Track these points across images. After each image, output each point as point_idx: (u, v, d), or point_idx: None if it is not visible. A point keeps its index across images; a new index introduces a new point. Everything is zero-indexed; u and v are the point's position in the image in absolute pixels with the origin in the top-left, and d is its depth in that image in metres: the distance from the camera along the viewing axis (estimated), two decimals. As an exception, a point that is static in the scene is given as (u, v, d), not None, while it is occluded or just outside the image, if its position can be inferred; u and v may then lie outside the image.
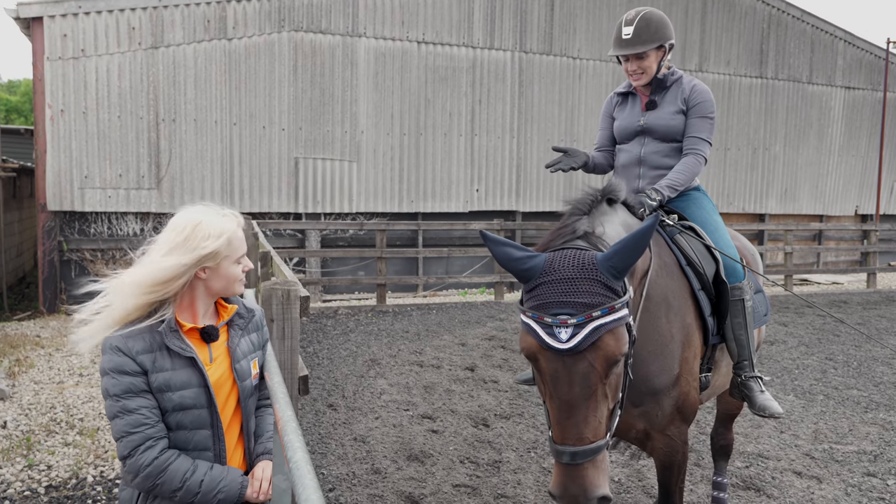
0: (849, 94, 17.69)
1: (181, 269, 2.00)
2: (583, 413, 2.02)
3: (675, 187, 3.20)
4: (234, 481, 2.06)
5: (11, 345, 8.34)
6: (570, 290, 2.01)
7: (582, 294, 2.01)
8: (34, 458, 4.97)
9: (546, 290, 2.05)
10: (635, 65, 3.27)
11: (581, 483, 1.99)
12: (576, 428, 2.01)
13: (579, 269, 2.05)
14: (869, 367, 7.89)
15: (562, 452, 2.02)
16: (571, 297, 2.01)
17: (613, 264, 2.03)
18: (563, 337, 1.98)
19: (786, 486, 4.66)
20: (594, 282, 2.02)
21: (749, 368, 3.17)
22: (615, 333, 2.02)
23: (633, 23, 3.21)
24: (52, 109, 10.89)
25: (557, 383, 2.03)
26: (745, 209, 16.55)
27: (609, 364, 2.03)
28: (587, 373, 2.00)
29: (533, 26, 13.95)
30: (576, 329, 1.98)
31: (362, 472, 4.77)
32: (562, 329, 1.99)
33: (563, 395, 2.03)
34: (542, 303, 2.04)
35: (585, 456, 1.99)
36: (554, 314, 2.00)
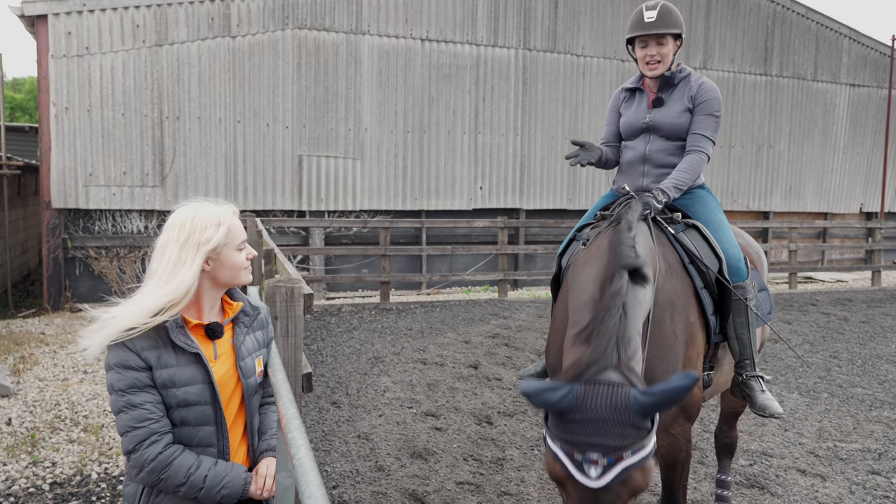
0: (854, 91, 17.63)
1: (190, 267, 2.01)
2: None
3: (680, 186, 3.19)
4: (237, 477, 2.07)
5: (16, 342, 8.37)
6: (601, 432, 1.99)
7: (613, 437, 1.99)
8: (39, 455, 4.99)
9: (577, 427, 2.02)
10: (655, 50, 3.26)
11: None
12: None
13: (612, 410, 2.01)
14: (873, 365, 7.87)
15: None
16: (602, 439, 1.99)
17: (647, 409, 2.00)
18: (592, 474, 1.99)
19: (790, 484, 4.66)
20: (626, 425, 2.00)
21: (750, 367, 3.16)
22: (643, 469, 2.02)
23: (656, 8, 3.23)
24: (57, 107, 10.91)
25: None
26: (750, 207, 16.52)
27: (634, 495, 2.05)
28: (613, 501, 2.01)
29: (537, 24, 13.93)
30: (606, 469, 1.97)
31: (366, 469, 4.78)
32: (591, 467, 1.98)
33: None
34: (573, 440, 2.02)
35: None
36: (583, 451, 1.99)
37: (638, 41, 3.31)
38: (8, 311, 11.16)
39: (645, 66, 3.33)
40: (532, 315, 10.44)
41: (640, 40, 3.30)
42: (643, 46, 3.29)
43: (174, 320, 2.02)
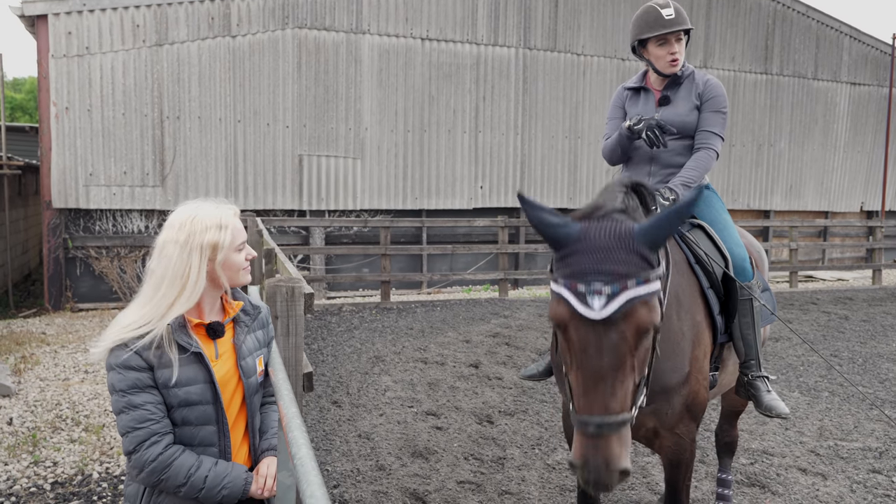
0: (854, 89, 17.62)
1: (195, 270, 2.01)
2: (610, 384, 1.97)
3: (689, 184, 3.15)
4: (238, 477, 2.07)
5: (17, 342, 8.37)
6: (605, 259, 1.97)
7: (618, 263, 1.97)
8: (40, 455, 5.00)
9: (580, 258, 2.01)
10: (676, 47, 3.24)
11: (604, 454, 1.93)
12: (603, 398, 1.96)
13: (616, 238, 2.00)
14: (874, 364, 7.87)
15: (587, 423, 1.96)
16: (607, 265, 1.96)
17: (651, 235, 1.99)
18: (596, 306, 1.94)
19: (791, 482, 4.66)
20: (630, 252, 1.98)
21: (756, 368, 3.15)
22: (648, 304, 1.98)
23: (670, 5, 3.22)
24: (57, 107, 10.91)
25: (587, 353, 1.99)
26: (750, 206, 16.51)
27: (640, 335, 1.99)
28: (618, 343, 1.96)
29: (537, 22, 13.92)
30: (610, 298, 1.94)
31: (367, 468, 4.78)
32: (595, 297, 1.95)
33: (591, 365, 1.99)
34: (576, 270, 2.00)
35: (611, 428, 1.94)
36: (588, 282, 1.96)
37: (655, 39, 3.25)
38: (9, 311, 11.16)
39: (667, 65, 3.27)
40: (533, 314, 10.44)
41: (658, 38, 3.24)
42: (661, 44, 3.24)
43: (176, 320, 2.02)
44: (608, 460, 1.93)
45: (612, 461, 1.93)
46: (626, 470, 1.95)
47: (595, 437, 1.95)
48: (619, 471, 1.93)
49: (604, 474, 1.93)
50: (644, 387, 2.16)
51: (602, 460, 1.93)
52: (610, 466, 1.92)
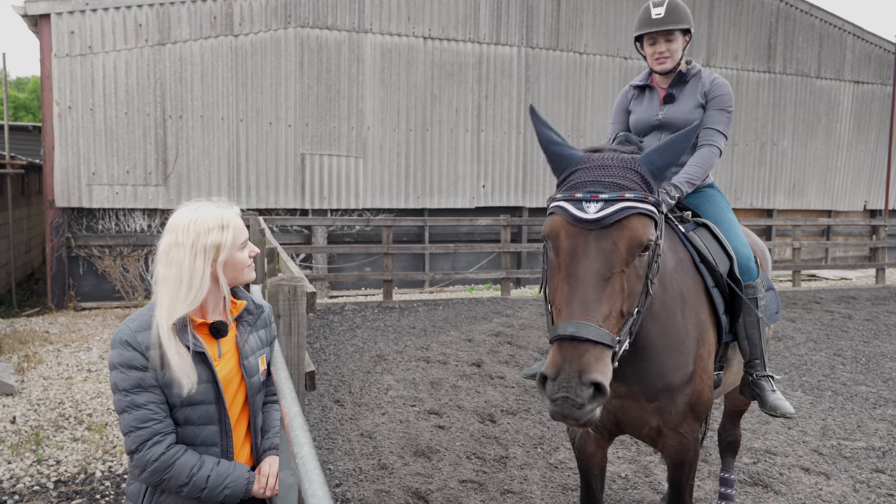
0: (858, 88, 17.58)
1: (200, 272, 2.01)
2: (596, 293, 1.92)
3: (693, 181, 3.15)
4: (240, 477, 2.07)
5: (20, 340, 8.39)
6: (606, 174, 2.01)
7: (617, 177, 2.00)
8: (43, 454, 5.00)
9: (582, 174, 2.04)
10: (664, 46, 3.24)
11: (578, 363, 1.83)
12: (586, 304, 1.91)
13: (618, 160, 2.05)
14: (878, 363, 7.86)
15: (565, 327, 1.88)
16: (607, 178, 1.99)
17: (652, 160, 2.03)
18: (591, 210, 1.96)
19: (794, 482, 4.65)
20: (631, 171, 2.03)
21: (761, 367, 3.14)
22: (643, 220, 1.99)
23: (664, 4, 3.21)
24: (60, 106, 10.93)
25: (576, 258, 1.96)
26: (753, 204, 16.48)
27: (632, 247, 1.97)
28: (609, 250, 1.94)
29: (539, 21, 13.91)
30: (606, 205, 1.96)
31: (369, 467, 4.78)
32: (592, 203, 1.96)
33: (579, 271, 1.94)
34: (576, 183, 2.02)
35: (589, 332, 1.85)
36: (587, 191, 1.99)
37: (647, 38, 3.29)
38: (12, 310, 11.18)
39: (654, 62, 3.31)
40: (535, 313, 10.43)
41: (648, 37, 3.28)
42: (652, 43, 3.28)
43: (180, 320, 2.02)
44: (581, 369, 1.82)
45: (585, 370, 1.82)
46: (601, 385, 1.83)
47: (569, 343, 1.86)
48: (591, 382, 1.82)
49: (575, 386, 1.80)
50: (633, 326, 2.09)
51: (575, 369, 1.83)
52: (583, 376, 1.82)
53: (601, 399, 1.85)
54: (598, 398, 1.85)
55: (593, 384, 1.84)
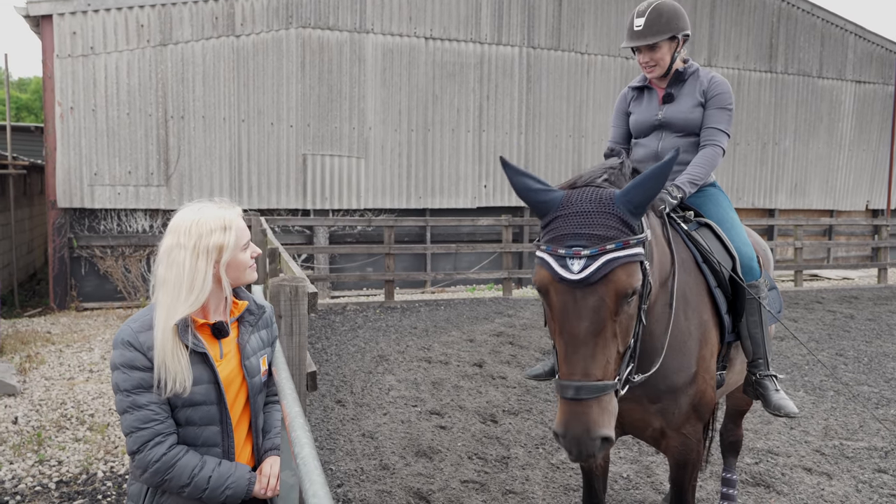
0: (859, 88, 17.55)
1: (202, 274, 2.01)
2: (591, 349, 1.99)
3: (696, 181, 3.15)
4: (242, 477, 2.07)
5: (22, 341, 8.40)
6: (585, 223, 2.02)
7: (596, 227, 2.01)
8: (45, 454, 5.01)
9: (561, 223, 2.06)
10: (647, 56, 3.24)
11: (584, 421, 1.95)
12: (583, 363, 1.99)
13: (596, 203, 2.05)
14: (880, 363, 7.84)
15: (566, 387, 1.98)
16: (586, 229, 2.01)
17: (630, 199, 2.03)
18: (574, 268, 1.98)
19: (796, 482, 4.64)
20: (610, 216, 2.03)
21: (764, 367, 3.13)
22: (627, 269, 2.01)
23: (645, 14, 3.18)
24: (62, 107, 10.94)
25: (567, 317, 2.02)
26: (755, 204, 16.47)
27: (620, 299, 2.00)
28: (598, 307, 1.98)
29: (541, 21, 13.90)
30: (588, 261, 1.98)
31: (370, 467, 4.78)
32: (574, 260, 1.99)
33: (572, 330, 2.01)
34: (557, 235, 2.05)
35: (590, 392, 1.96)
36: (568, 246, 2.01)
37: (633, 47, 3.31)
38: (14, 311, 11.20)
39: (644, 70, 3.33)
40: (537, 313, 10.43)
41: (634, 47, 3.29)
42: (638, 52, 3.29)
43: (182, 320, 2.02)
44: (588, 427, 1.94)
45: (592, 428, 1.94)
46: (608, 437, 1.96)
47: (574, 401, 1.97)
48: (599, 437, 1.95)
49: (585, 441, 1.94)
50: (631, 359, 2.16)
51: (582, 427, 1.95)
52: (591, 433, 1.94)
53: (609, 444, 2.00)
54: (606, 445, 2.00)
55: (600, 438, 1.97)
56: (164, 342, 1.95)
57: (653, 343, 2.58)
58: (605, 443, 1.97)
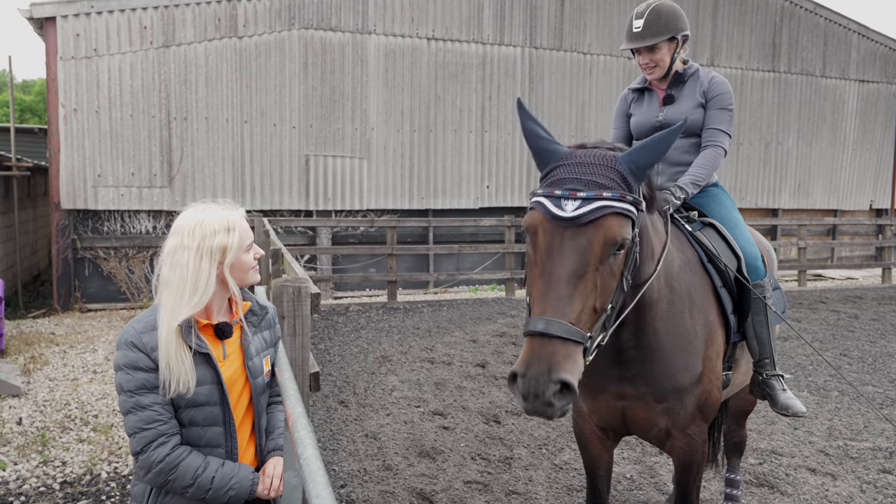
0: (863, 87, 17.52)
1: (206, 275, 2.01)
2: (569, 290, 1.97)
3: (699, 182, 3.15)
4: (245, 478, 2.07)
5: (26, 342, 8.41)
6: (586, 172, 2.05)
7: (597, 176, 2.05)
8: (49, 455, 5.02)
9: (563, 170, 2.09)
10: (647, 58, 3.24)
11: (548, 360, 1.88)
12: (558, 301, 1.96)
13: (600, 158, 2.09)
14: (884, 363, 7.83)
15: (536, 321, 1.94)
16: (586, 176, 2.04)
17: (633, 159, 2.06)
18: (568, 208, 2.01)
19: (800, 482, 4.63)
20: (611, 169, 2.07)
21: (770, 367, 3.12)
22: (620, 220, 2.03)
23: (644, 16, 3.18)
24: (66, 109, 10.97)
25: (551, 255, 2.02)
26: (758, 204, 16.44)
27: (607, 246, 2.01)
28: (584, 248, 1.99)
29: (543, 22, 13.90)
30: (584, 203, 2.01)
31: (373, 468, 4.78)
32: (569, 201, 2.01)
33: (553, 268, 2.00)
34: (556, 179, 2.08)
35: (560, 329, 1.90)
36: (566, 188, 2.04)
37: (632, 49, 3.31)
38: (18, 312, 11.22)
39: (643, 72, 3.33)
40: (540, 314, 10.40)
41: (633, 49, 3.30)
42: (638, 53, 3.29)
43: (185, 321, 2.02)
44: (550, 367, 1.87)
45: (553, 367, 1.87)
46: (568, 384, 1.87)
47: (541, 338, 1.92)
48: (559, 381, 1.86)
49: (544, 382, 1.85)
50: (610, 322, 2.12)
51: (543, 366, 1.87)
52: (551, 374, 1.86)
53: (569, 397, 1.89)
54: (567, 396, 1.89)
55: (561, 382, 1.87)
56: (167, 343, 1.95)
57: (658, 341, 2.58)
58: (564, 391, 1.87)
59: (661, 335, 2.58)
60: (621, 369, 2.64)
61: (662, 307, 2.57)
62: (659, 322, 2.57)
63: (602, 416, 2.85)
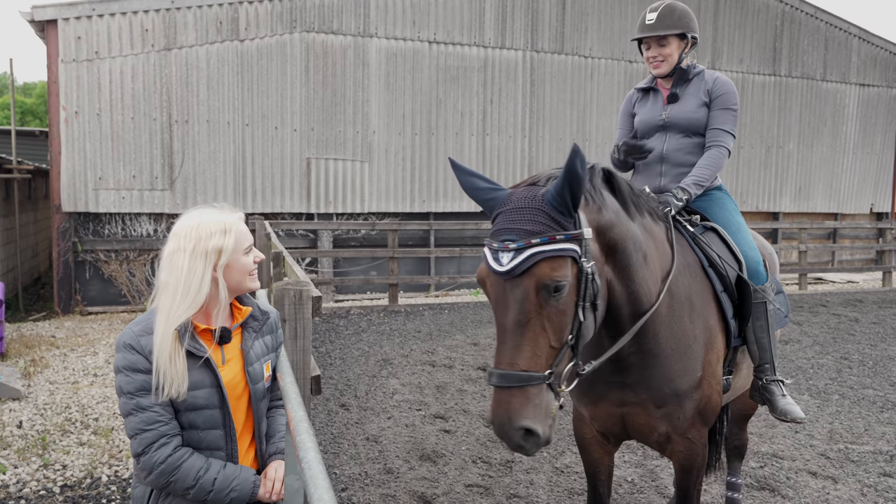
0: (863, 91, 17.53)
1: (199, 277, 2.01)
2: (517, 339, 2.06)
3: (702, 183, 3.15)
4: (246, 480, 2.07)
5: (27, 345, 8.41)
6: (517, 219, 2.12)
7: (526, 222, 2.10)
8: (49, 458, 5.02)
9: (500, 219, 2.17)
10: (655, 51, 3.26)
11: (506, 409, 2.00)
12: (508, 353, 2.05)
13: (529, 200, 2.15)
14: (885, 367, 7.82)
15: (491, 374, 2.05)
16: (517, 224, 2.10)
17: (556, 195, 2.10)
18: (503, 261, 2.08)
19: (801, 486, 4.63)
20: (538, 212, 2.11)
21: (770, 372, 3.11)
22: (553, 263, 2.07)
23: (658, 10, 3.23)
24: (67, 111, 10.98)
25: (497, 308, 2.12)
26: (759, 207, 16.44)
27: (541, 293, 2.06)
28: (522, 298, 2.05)
29: (544, 25, 13.91)
30: (515, 254, 2.07)
31: (375, 471, 4.78)
32: (504, 254, 2.08)
33: (500, 320, 2.11)
34: (495, 230, 2.16)
35: (511, 381, 2.00)
36: (501, 240, 2.11)
37: (643, 42, 3.32)
38: (19, 315, 11.22)
39: (650, 66, 3.34)
40: (540, 317, 10.40)
41: (644, 42, 3.31)
42: (647, 48, 3.31)
43: (182, 325, 2.02)
44: (510, 416, 1.99)
45: (513, 416, 1.98)
46: (530, 429, 1.99)
47: (499, 389, 2.03)
48: (521, 427, 1.98)
49: (508, 430, 1.99)
50: (573, 354, 2.17)
51: (504, 415, 2.00)
52: (511, 422, 1.98)
53: (535, 439, 2.01)
54: (533, 437, 2.01)
55: (523, 428, 2.00)
56: (162, 346, 1.96)
57: (657, 345, 2.59)
58: (529, 435, 1.99)
59: (660, 339, 2.59)
60: (622, 377, 2.65)
61: (662, 311, 2.58)
62: (659, 326, 2.57)
63: (603, 423, 2.85)
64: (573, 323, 2.15)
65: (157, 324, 1.99)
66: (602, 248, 2.30)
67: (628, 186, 2.57)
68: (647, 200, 2.74)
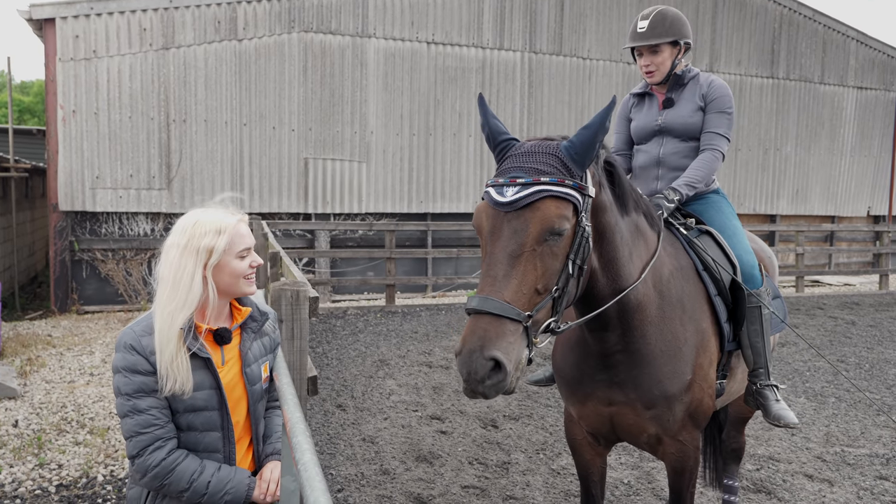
0: (861, 94, 17.57)
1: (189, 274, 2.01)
2: (504, 269, 2.03)
3: (694, 185, 3.14)
4: (241, 482, 2.07)
5: (23, 344, 8.39)
6: (528, 160, 2.14)
7: (537, 163, 2.13)
8: (45, 457, 5.00)
9: (508, 161, 2.19)
10: (648, 59, 3.25)
11: (480, 337, 1.92)
12: (494, 281, 2.02)
13: (544, 147, 2.18)
14: (881, 370, 7.83)
15: (473, 300, 2.01)
16: (527, 163, 2.13)
17: (573, 144, 2.13)
18: (508, 193, 2.08)
19: (797, 489, 4.63)
20: (551, 156, 2.14)
21: (764, 376, 3.10)
22: (558, 203, 2.08)
23: (650, 17, 3.21)
24: (64, 110, 10.96)
25: (492, 239, 2.10)
26: (756, 210, 16.47)
27: (543, 228, 2.05)
28: (520, 230, 2.05)
29: (542, 27, 13.92)
30: (522, 188, 2.08)
31: (371, 472, 4.77)
32: (510, 188, 2.09)
33: (493, 249, 2.08)
34: (503, 168, 2.18)
35: (494, 306, 1.95)
36: (509, 176, 2.12)
37: (636, 51, 3.31)
38: (15, 314, 11.20)
39: (643, 74, 3.33)
40: (538, 318, 10.40)
41: (637, 50, 3.30)
42: (640, 55, 3.30)
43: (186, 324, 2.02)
44: (483, 343, 1.91)
45: (486, 344, 1.91)
46: (499, 362, 1.91)
47: (477, 315, 1.98)
48: (490, 358, 1.90)
49: (477, 359, 1.90)
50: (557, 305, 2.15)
51: (478, 342, 1.92)
52: (484, 350, 1.90)
53: (501, 375, 1.92)
54: (499, 373, 1.92)
55: (492, 359, 1.91)
56: (165, 343, 1.95)
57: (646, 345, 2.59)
58: (495, 371, 1.91)
59: (649, 340, 2.59)
60: (609, 374, 2.65)
61: (651, 312, 2.58)
62: (647, 326, 2.58)
63: (591, 423, 2.84)
64: (561, 274, 2.13)
65: (156, 317, 1.99)
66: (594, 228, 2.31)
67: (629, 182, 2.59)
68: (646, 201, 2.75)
